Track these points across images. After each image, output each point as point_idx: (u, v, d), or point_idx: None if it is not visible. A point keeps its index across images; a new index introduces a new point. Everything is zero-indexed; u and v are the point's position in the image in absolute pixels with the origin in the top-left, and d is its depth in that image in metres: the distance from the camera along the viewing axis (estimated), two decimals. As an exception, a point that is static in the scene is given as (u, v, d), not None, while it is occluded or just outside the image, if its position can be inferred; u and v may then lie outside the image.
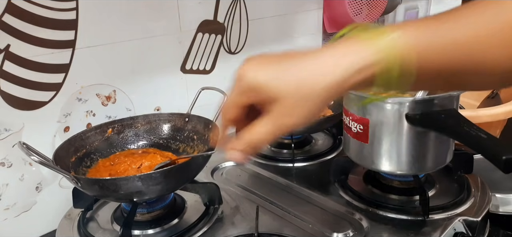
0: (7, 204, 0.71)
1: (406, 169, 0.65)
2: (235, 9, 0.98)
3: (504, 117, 0.84)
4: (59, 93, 0.74)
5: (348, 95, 0.67)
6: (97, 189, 0.59)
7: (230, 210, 0.70)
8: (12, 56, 0.67)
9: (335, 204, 0.70)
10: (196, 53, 0.94)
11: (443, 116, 0.56)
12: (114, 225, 0.67)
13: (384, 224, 0.64)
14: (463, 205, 0.68)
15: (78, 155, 0.69)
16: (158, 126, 0.79)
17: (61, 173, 0.58)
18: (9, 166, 0.70)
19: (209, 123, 0.74)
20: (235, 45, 1.02)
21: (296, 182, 0.78)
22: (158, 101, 0.90)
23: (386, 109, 0.62)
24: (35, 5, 0.67)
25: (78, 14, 0.73)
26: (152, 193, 0.60)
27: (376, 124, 0.64)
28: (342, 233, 0.63)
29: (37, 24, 0.68)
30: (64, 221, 0.70)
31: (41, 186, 0.75)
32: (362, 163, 0.69)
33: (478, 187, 0.72)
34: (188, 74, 0.94)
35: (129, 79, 0.83)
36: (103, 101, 0.81)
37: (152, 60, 0.86)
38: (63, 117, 0.75)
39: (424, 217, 0.64)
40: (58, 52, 0.72)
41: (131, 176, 0.57)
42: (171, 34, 0.88)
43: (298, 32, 1.18)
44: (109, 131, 0.76)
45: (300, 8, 1.16)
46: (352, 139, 0.69)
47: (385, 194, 0.72)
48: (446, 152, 0.67)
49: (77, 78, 0.75)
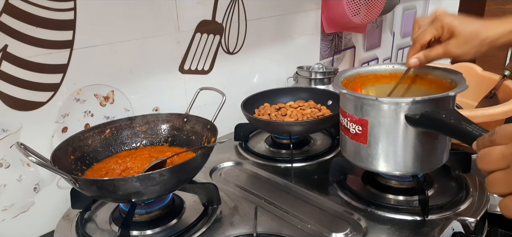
0: (5, 205, 0.71)
1: (405, 169, 0.65)
2: (233, 9, 0.98)
3: (502, 117, 0.84)
4: (57, 94, 0.73)
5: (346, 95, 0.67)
6: (95, 190, 0.59)
7: (229, 211, 0.70)
8: (10, 56, 0.66)
9: (334, 204, 0.70)
10: (195, 54, 0.94)
11: (443, 115, 0.56)
12: (112, 225, 0.67)
13: (383, 224, 0.65)
14: (462, 204, 0.68)
15: (76, 155, 0.69)
16: (156, 126, 0.79)
17: (59, 173, 0.58)
18: (7, 166, 0.70)
19: (208, 123, 0.74)
20: (233, 45, 1.02)
21: (294, 182, 0.78)
22: (156, 101, 0.90)
23: (385, 110, 0.62)
24: (33, 5, 0.67)
25: (76, 14, 0.72)
26: (150, 193, 0.60)
27: (375, 125, 0.64)
28: (340, 233, 0.63)
29: (35, 24, 0.68)
30: (62, 221, 0.69)
31: (39, 186, 0.75)
32: (360, 164, 0.69)
33: (476, 187, 0.72)
34: (186, 74, 0.94)
35: (127, 79, 0.83)
36: (101, 102, 0.80)
37: (151, 61, 0.86)
38: (61, 117, 0.75)
39: (423, 217, 0.65)
40: (56, 52, 0.72)
41: (129, 177, 0.57)
42: (169, 34, 0.88)
43: (297, 32, 1.18)
44: (107, 132, 0.75)
45: (298, 8, 1.16)
46: (349, 140, 0.69)
47: (384, 194, 0.72)
48: (443, 151, 0.67)
49: (75, 78, 0.75)
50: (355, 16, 1.16)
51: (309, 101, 1.00)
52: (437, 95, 0.62)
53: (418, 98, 0.60)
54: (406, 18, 1.64)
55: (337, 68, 1.18)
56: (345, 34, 1.37)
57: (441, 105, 0.61)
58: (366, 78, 0.78)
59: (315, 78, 1.09)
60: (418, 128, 0.61)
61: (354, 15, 1.16)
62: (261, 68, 1.11)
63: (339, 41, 1.36)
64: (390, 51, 1.64)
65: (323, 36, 1.28)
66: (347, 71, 0.77)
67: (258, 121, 0.88)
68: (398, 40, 1.66)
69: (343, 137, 0.71)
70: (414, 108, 0.61)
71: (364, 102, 0.64)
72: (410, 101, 0.60)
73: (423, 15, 1.74)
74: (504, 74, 1.01)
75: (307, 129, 0.89)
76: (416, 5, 1.68)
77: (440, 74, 0.72)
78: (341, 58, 1.40)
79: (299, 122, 0.87)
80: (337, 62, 1.38)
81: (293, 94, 1.02)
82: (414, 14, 1.69)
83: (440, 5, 1.74)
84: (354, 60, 1.46)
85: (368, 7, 1.17)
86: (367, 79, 0.78)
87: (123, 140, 0.77)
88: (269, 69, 1.14)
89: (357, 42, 1.44)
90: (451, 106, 0.64)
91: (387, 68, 0.78)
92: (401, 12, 1.61)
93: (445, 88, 0.69)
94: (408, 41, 1.71)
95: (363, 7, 1.16)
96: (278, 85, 1.16)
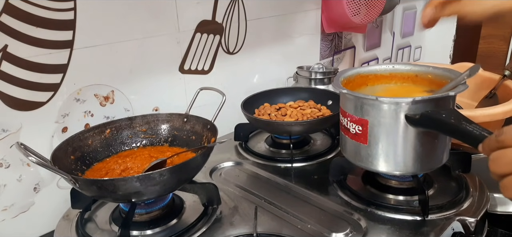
0: (5, 205, 0.71)
1: (405, 169, 0.65)
2: (233, 9, 0.98)
3: (502, 117, 0.84)
4: (57, 94, 0.73)
5: (346, 95, 0.67)
6: (95, 190, 0.59)
7: (229, 211, 0.70)
8: (10, 56, 0.66)
9: (334, 204, 0.70)
10: (195, 54, 0.94)
11: (443, 115, 0.56)
12: (112, 225, 0.67)
13: (383, 224, 0.65)
14: (462, 204, 0.68)
15: (76, 155, 0.69)
16: (156, 126, 0.79)
17: (59, 173, 0.58)
18: (7, 166, 0.70)
19: (208, 123, 0.74)
20: (233, 45, 1.02)
21: (294, 182, 0.78)
22: (156, 101, 0.90)
23: (385, 110, 0.62)
24: (33, 5, 0.67)
25: (76, 14, 0.72)
26: (150, 193, 0.60)
27: (375, 125, 0.64)
28: (340, 233, 0.63)
29: (35, 24, 0.68)
30: (62, 222, 0.69)
31: (39, 186, 0.75)
32: (360, 164, 0.69)
33: (476, 187, 0.72)
34: (186, 74, 0.94)
35: (127, 79, 0.83)
36: (101, 102, 0.80)
37: (151, 61, 0.86)
38: (61, 117, 0.75)
39: (423, 217, 0.65)
40: (56, 52, 0.72)
41: (129, 177, 0.57)
42: (169, 34, 0.88)
43: (297, 32, 1.18)
44: (107, 132, 0.75)
45: (298, 8, 1.16)
46: (349, 140, 0.69)
47: (384, 194, 0.72)
48: (443, 151, 0.67)
49: (75, 78, 0.75)
50: (355, 16, 1.16)
51: (309, 101, 1.00)
52: (437, 95, 0.62)
53: (418, 98, 0.60)
54: (406, 18, 1.64)
55: (337, 68, 1.18)
56: (345, 34, 1.37)
57: (441, 105, 0.61)
58: (366, 78, 0.78)
59: (315, 78, 1.09)
60: (418, 128, 0.61)
61: (354, 15, 1.16)
62: (261, 68, 1.11)
63: (339, 41, 1.36)
64: (390, 51, 1.64)
65: (323, 36, 1.28)
66: (347, 71, 0.77)
67: (258, 121, 0.88)
68: (398, 40, 1.66)
69: (343, 137, 0.71)
70: (414, 108, 0.61)
71: (364, 102, 0.64)
72: (410, 101, 0.60)
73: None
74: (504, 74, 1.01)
75: (307, 129, 0.89)
76: (416, 5, 1.68)
77: (440, 74, 0.72)
78: (341, 58, 1.40)
79: (299, 122, 0.86)
80: (337, 62, 1.38)
81: (293, 94, 1.02)
82: (414, 14, 1.68)
83: (440, 5, 1.74)
84: (354, 60, 1.46)
85: (368, 7, 1.17)
86: (367, 79, 0.78)
87: (123, 140, 0.77)
88: (269, 69, 1.13)
89: (357, 42, 1.44)
90: (451, 106, 0.64)
91: (387, 68, 0.78)
92: (401, 12, 1.61)
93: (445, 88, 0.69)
94: (408, 41, 1.71)
95: (363, 7, 1.16)
96: (278, 85, 1.16)
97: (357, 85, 0.77)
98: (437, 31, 1.77)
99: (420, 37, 1.77)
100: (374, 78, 0.78)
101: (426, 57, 1.83)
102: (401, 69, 0.76)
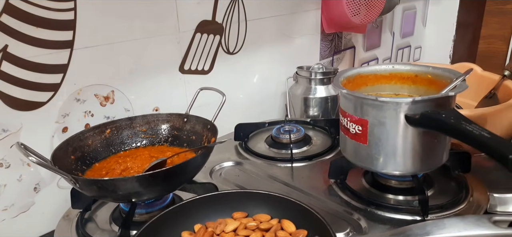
0: (5, 205, 0.71)
1: (405, 169, 0.65)
2: (234, 10, 0.98)
3: (501, 117, 0.84)
4: (57, 94, 0.73)
5: (346, 95, 0.67)
6: (96, 190, 0.59)
7: (229, 211, 0.70)
8: (10, 56, 0.66)
9: (334, 204, 0.70)
10: (195, 54, 0.94)
11: (443, 115, 0.56)
12: (112, 225, 0.67)
13: (383, 224, 0.65)
14: (461, 204, 0.68)
15: (77, 155, 0.69)
16: (156, 126, 0.79)
17: (59, 173, 0.58)
18: (7, 166, 0.70)
19: (208, 123, 0.74)
20: (233, 45, 1.02)
21: (294, 182, 0.78)
22: (156, 101, 0.90)
23: (385, 110, 0.62)
24: (33, 5, 0.67)
25: (76, 14, 0.72)
26: (150, 193, 0.60)
27: (375, 125, 0.64)
28: (340, 233, 0.63)
29: (35, 24, 0.68)
30: (62, 221, 0.69)
31: (39, 186, 0.75)
32: (360, 164, 0.69)
33: (476, 187, 0.72)
34: (186, 74, 0.94)
35: (128, 79, 0.83)
36: (101, 102, 0.80)
37: (151, 61, 0.86)
38: (61, 117, 0.75)
39: (423, 217, 0.65)
40: (56, 52, 0.72)
41: (129, 177, 0.57)
42: (169, 34, 0.88)
43: (296, 33, 1.18)
44: (108, 132, 0.75)
45: (298, 8, 1.16)
46: (349, 140, 0.69)
47: (384, 194, 0.72)
48: (443, 151, 0.67)
49: (75, 78, 0.75)
50: (355, 16, 1.16)
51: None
52: (437, 95, 0.62)
53: (418, 98, 0.60)
54: (406, 18, 1.64)
55: (337, 68, 1.18)
56: (345, 34, 1.37)
57: (441, 105, 0.61)
58: (366, 78, 0.78)
59: (315, 78, 1.09)
60: (418, 128, 0.61)
61: (354, 15, 1.16)
62: (261, 68, 1.11)
63: (339, 41, 1.36)
64: (390, 51, 1.64)
65: (323, 36, 1.28)
66: (347, 71, 0.77)
67: None
68: (398, 40, 1.66)
69: (343, 137, 0.71)
70: (414, 108, 0.61)
71: (364, 102, 0.64)
72: (410, 101, 0.60)
73: (423, 15, 1.74)
74: (504, 74, 1.01)
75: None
76: (416, 5, 1.68)
77: (440, 74, 0.72)
78: (341, 58, 1.40)
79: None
80: (337, 62, 1.38)
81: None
82: (414, 14, 1.69)
83: (440, 5, 1.74)
84: (354, 60, 1.46)
85: (368, 7, 1.17)
86: (367, 79, 0.78)
87: (123, 140, 0.77)
88: (269, 69, 1.14)
89: (357, 42, 1.44)
90: (451, 106, 0.64)
91: (387, 68, 0.78)
92: (401, 12, 1.61)
93: (445, 88, 0.69)
94: (408, 41, 1.71)
95: (363, 7, 1.16)
96: (278, 85, 1.17)
97: (357, 85, 0.77)
98: (437, 31, 1.77)
99: (420, 37, 1.78)
100: (374, 78, 0.78)
101: (426, 57, 1.83)
102: (401, 69, 0.76)
